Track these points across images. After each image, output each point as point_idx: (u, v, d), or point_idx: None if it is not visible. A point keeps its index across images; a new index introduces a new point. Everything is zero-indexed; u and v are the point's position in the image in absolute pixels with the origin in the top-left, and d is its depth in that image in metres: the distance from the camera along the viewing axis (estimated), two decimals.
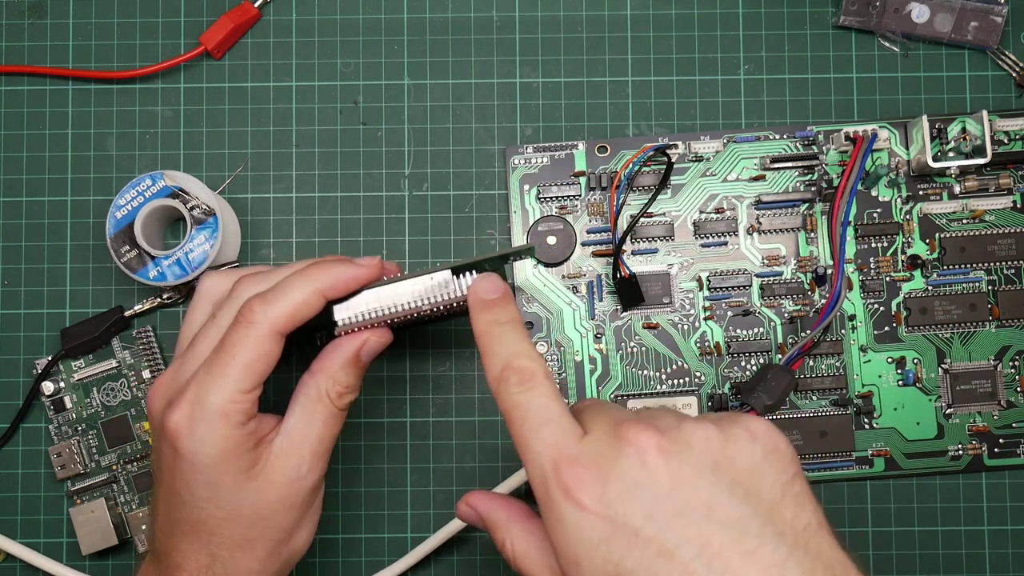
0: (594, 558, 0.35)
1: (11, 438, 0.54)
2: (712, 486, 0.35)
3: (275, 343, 0.41)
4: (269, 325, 0.40)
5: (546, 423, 0.37)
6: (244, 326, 0.41)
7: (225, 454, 0.40)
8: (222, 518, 0.41)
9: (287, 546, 0.43)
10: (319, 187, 0.55)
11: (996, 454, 0.53)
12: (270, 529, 0.42)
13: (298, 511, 0.43)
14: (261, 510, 0.42)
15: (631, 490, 0.35)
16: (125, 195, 0.51)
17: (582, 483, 0.35)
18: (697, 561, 0.33)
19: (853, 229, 0.53)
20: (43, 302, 0.54)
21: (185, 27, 0.55)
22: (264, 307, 0.41)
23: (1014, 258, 0.53)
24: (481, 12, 0.55)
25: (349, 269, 0.42)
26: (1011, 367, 0.53)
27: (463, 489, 0.53)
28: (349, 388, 0.43)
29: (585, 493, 0.35)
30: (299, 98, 0.55)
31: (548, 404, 0.38)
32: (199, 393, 0.40)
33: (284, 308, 0.41)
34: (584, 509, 0.35)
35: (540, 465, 0.37)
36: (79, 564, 0.53)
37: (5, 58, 0.55)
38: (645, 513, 0.34)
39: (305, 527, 0.44)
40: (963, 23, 0.54)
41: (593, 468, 0.36)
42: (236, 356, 0.40)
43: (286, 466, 0.42)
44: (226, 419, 0.40)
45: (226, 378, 0.40)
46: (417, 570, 0.54)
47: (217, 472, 0.40)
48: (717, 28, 0.55)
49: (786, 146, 0.54)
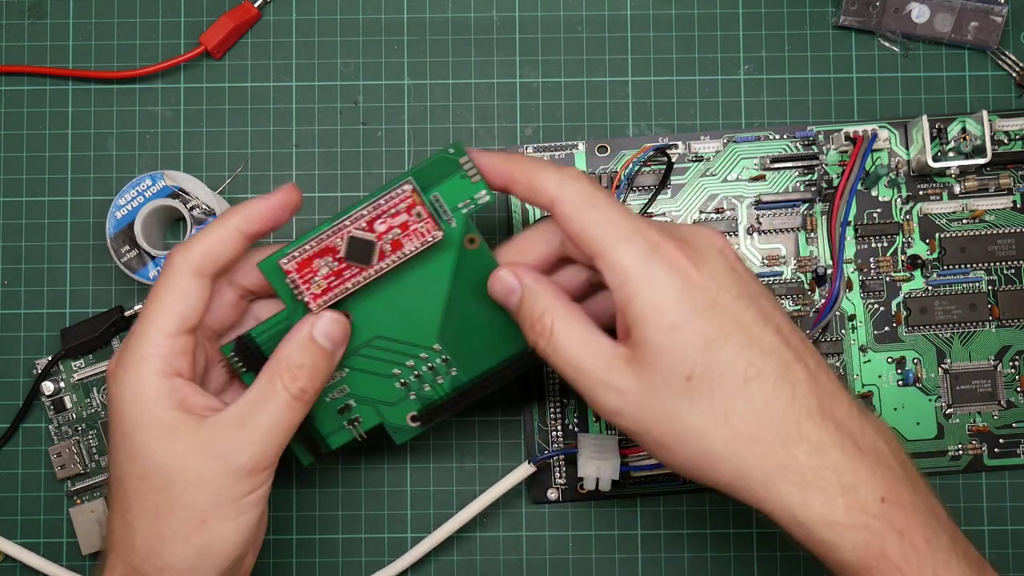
0: (695, 323, 0.38)
1: (11, 438, 0.54)
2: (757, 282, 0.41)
3: (192, 280, 0.41)
4: (185, 264, 0.41)
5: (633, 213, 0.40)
6: (163, 272, 0.42)
7: (143, 401, 0.40)
8: (136, 476, 0.40)
9: (198, 534, 0.39)
10: (319, 187, 0.55)
11: (996, 454, 0.53)
12: (179, 505, 0.39)
13: (213, 493, 0.39)
14: (173, 476, 0.39)
15: (724, 270, 0.39)
16: (125, 195, 0.51)
17: (686, 257, 0.39)
18: (776, 336, 0.39)
19: (853, 229, 0.53)
20: (43, 302, 0.54)
21: (185, 27, 0.55)
22: (182, 250, 0.41)
23: (1014, 258, 0.53)
24: (481, 12, 0.55)
25: (261, 199, 0.42)
26: (1011, 367, 0.53)
27: (463, 489, 0.53)
28: (303, 370, 0.41)
29: (690, 266, 0.38)
30: (299, 98, 0.55)
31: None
32: (127, 343, 0.41)
33: (199, 246, 0.41)
34: (690, 279, 0.38)
35: (640, 240, 0.39)
36: (79, 564, 0.53)
37: (5, 58, 0.55)
38: (736, 292, 0.39)
39: (224, 519, 0.40)
40: (963, 23, 0.54)
41: (690, 250, 0.39)
42: (155, 299, 0.41)
43: (213, 439, 0.40)
44: (145, 363, 0.40)
45: (146, 323, 0.41)
46: (417, 570, 0.54)
47: (135, 420, 0.40)
48: (717, 28, 0.55)
49: (786, 146, 0.54)
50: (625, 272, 0.38)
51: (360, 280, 0.43)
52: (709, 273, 0.39)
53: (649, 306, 0.38)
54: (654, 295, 0.38)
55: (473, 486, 0.53)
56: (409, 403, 0.46)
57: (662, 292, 0.38)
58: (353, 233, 0.43)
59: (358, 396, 0.46)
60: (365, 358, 0.45)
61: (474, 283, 0.44)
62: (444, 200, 0.43)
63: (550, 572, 0.53)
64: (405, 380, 0.45)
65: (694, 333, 0.38)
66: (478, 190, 0.43)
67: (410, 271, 0.44)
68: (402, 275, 0.44)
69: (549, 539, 0.54)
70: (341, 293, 0.43)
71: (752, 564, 0.53)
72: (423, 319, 0.44)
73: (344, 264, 0.43)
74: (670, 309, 0.38)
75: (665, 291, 0.38)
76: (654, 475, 0.52)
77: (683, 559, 0.53)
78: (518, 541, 0.54)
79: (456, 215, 0.43)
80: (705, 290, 0.38)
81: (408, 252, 0.43)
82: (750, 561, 0.53)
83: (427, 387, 0.46)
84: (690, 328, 0.38)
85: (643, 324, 0.38)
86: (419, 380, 0.45)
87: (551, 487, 0.53)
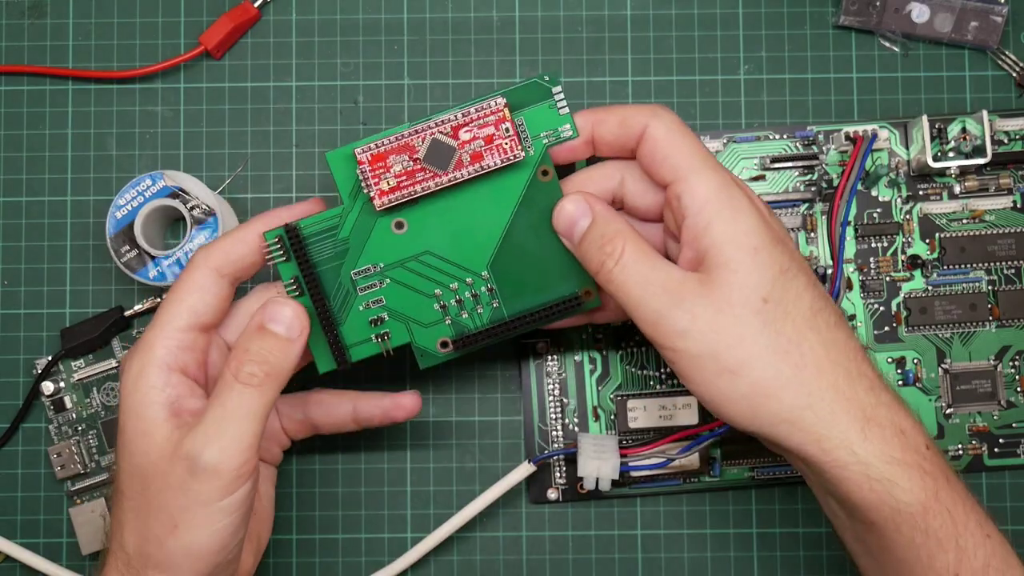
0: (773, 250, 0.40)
1: (11, 438, 0.54)
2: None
3: (208, 276, 0.42)
4: (203, 261, 0.42)
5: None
6: (184, 270, 0.43)
7: (138, 390, 0.40)
8: (126, 471, 0.40)
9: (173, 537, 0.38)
10: (319, 187, 0.55)
11: (996, 454, 0.53)
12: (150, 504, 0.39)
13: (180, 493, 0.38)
14: (148, 478, 0.39)
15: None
16: (125, 195, 0.51)
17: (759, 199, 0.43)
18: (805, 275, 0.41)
19: (853, 229, 0.53)
20: (43, 302, 0.54)
21: (185, 27, 0.55)
22: (203, 249, 0.43)
23: (1014, 258, 0.53)
24: (481, 12, 0.55)
25: (284, 208, 0.44)
26: (1011, 367, 0.53)
27: (463, 489, 0.53)
28: (248, 353, 0.40)
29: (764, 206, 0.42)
30: (299, 98, 0.55)
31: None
32: (143, 336, 0.42)
33: (219, 246, 0.42)
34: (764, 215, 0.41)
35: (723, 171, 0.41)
36: (79, 564, 0.53)
37: (5, 58, 0.55)
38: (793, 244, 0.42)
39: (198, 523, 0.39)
40: (963, 23, 0.54)
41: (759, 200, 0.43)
42: (172, 293, 0.42)
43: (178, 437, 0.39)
44: (151, 352, 0.41)
45: (160, 314, 0.42)
46: (417, 570, 0.54)
47: (128, 412, 0.40)
48: (717, 28, 0.55)
49: (786, 146, 0.54)
50: (708, 196, 0.40)
51: (431, 186, 0.42)
52: (778, 225, 0.42)
53: (732, 227, 0.40)
54: (738, 218, 0.40)
55: (473, 486, 0.53)
56: (443, 328, 0.45)
57: (745, 216, 0.40)
58: (437, 135, 0.42)
59: (393, 310, 0.45)
60: (410, 272, 0.44)
61: (538, 216, 0.44)
62: (528, 126, 0.43)
63: (550, 572, 0.53)
64: (445, 303, 0.45)
65: (772, 258, 0.39)
66: (563, 123, 0.43)
67: (476, 191, 0.43)
68: (468, 193, 0.43)
69: (549, 539, 0.54)
70: (409, 195, 0.43)
71: (752, 564, 0.53)
72: (478, 244, 0.44)
73: (419, 166, 0.42)
74: (752, 232, 0.40)
75: (748, 216, 0.40)
76: (654, 475, 0.52)
77: (683, 559, 0.53)
78: (518, 541, 0.54)
79: (536, 143, 0.43)
80: (776, 228, 0.41)
81: (487, 166, 0.42)
82: (750, 561, 0.53)
83: (465, 314, 0.45)
84: (769, 253, 0.39)
85: (723, 246, 0.39)
86: (459, 306, 0.45)
87: (551, 487, 0.53)
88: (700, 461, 0.52)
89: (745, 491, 0.54)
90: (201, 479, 0.38)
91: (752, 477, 0.53)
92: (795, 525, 0.53)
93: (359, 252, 0.44)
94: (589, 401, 0.53)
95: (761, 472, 0.53)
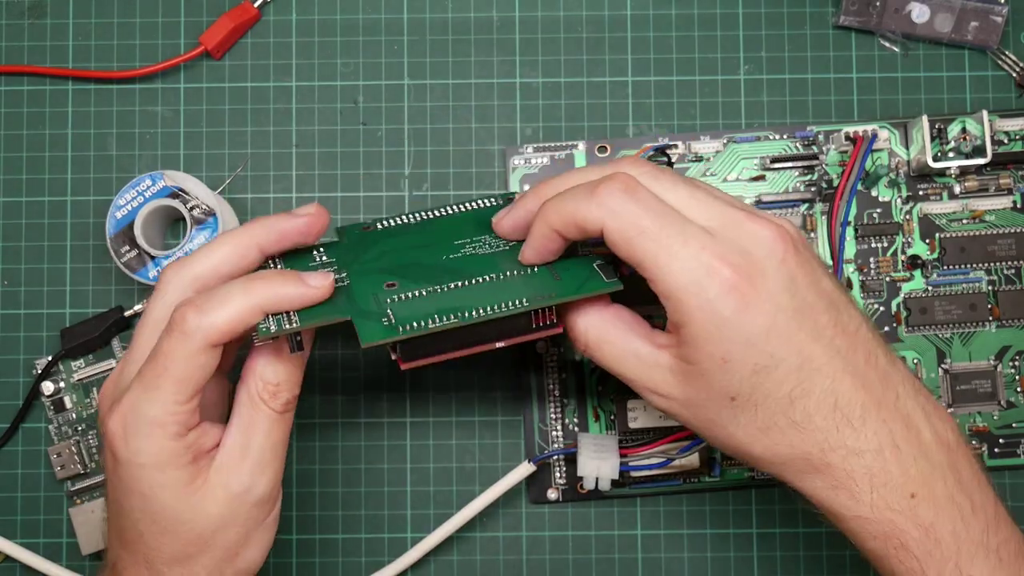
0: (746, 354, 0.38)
1: (11, 438, 0.54)
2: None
3: (210, 356, 0.39)
4: (203, 338, 0.38)
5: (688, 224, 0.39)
6: (176, 336, 0.38)
7: (161, 466, 0.39)
8: (158, 532, 0.40)
9: (232, 565, 0.41)
10: (319, 187, 0.55)
11: (996, 454, 0.53)
12: (211, 547, 0.40)
13: (242, 527, 0.41)
14: (200, 527, 0.40)
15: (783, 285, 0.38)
16: (125, 195, 0.51)
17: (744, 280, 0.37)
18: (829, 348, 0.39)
19: (853, 229, 0.53)
20: (43, 302, 0.54)
21: (185, 27, 0.55)
22: (198, 317, 0.38)
23: (1014, 258, 0.53)
24: (481, 12, 0.55)
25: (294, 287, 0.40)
26: (1011, 367, 0.53)
27: (463, 489, 0.53)
28: (282, 386, 0.40)
29: (749, 289, 0.37)
30: (299, 98, 0.55)
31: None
32: (134, 402, 0.39)
33: (219, 321, 0.38)
34: (746, 304, 0.37)
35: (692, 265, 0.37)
36: (79, 564, 0.53)
37: (5, 58, 0.55)
38: (793, 309, 0.38)
39: (254, 544, 0.42)
40: (963, 23, 0.54)
41: (749, 265, 0.38)
42: (168, 369, 0.38)
43: (227, 481, 0.40)
44: (162, 430, 0.39)
45: (159, 391, 0.38)
46: (417, 570, 0.54)
47: (153, 484, 0.39)
48: (717, 28, 0.55)
49: (786, 146, 0.54)
50: (677, 299, 0.38)
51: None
52: (767, 294, 0.38)
53: (701, 336, 0.38)
54: (707, 326, 0.38)
55: (473, 486, 0.53)
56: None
57: (715, 323, 0.37)
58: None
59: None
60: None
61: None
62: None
63: (550, 572, 0.53)
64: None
65: (743, 363, 0.38)
66: (611, 287, 0.42)
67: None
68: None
69: (549, 539, 0.54)
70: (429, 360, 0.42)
71: (752, 564, 0.53)
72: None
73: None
74: (722, 341, 0.38)
75: (718, 323, 0.37)
76: (654, 475, 0.52)
77: (683, 559, 0.53)
78: (518, 541, 0.54)
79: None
80: (760, 315, 0.37)
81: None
82: (750, 561, 0.53)
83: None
84: (740, 359, 0.38)
85: (693, 348, 0.38)
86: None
87: (551, 487, 0.53)
88: (700, 461, 0.52)
89: (745, 491, 0.54)
90: (258, 507, 0.41)
91: (752, 477, 0.53)
92: (795, 525, 0.53)
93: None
94: (589, 401, 0.53)
95: (761, 472, 0.53)
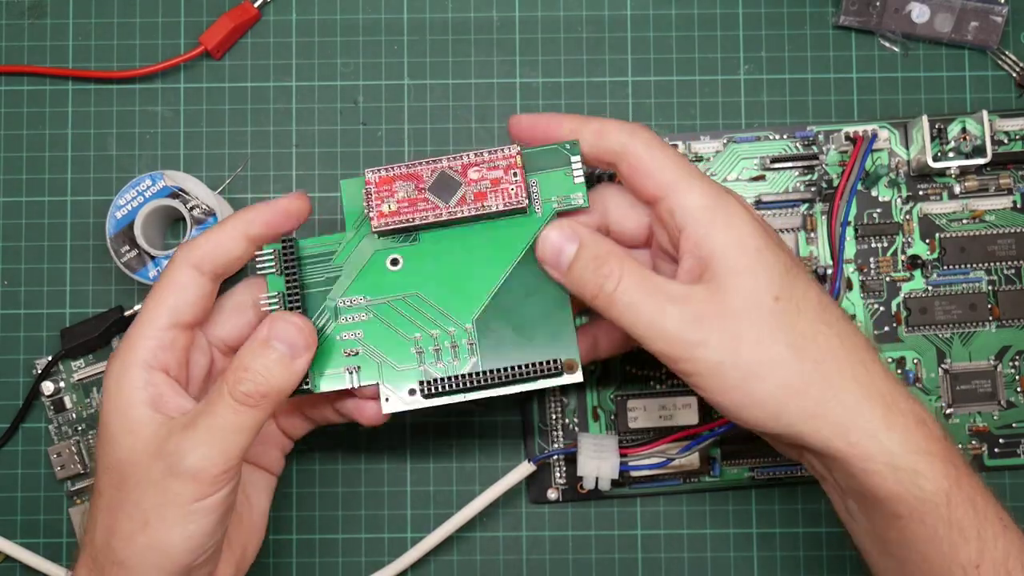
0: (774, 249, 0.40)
1: (11, 438, 0.54)
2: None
3: (189, 274, 0.41)
4: (184, 259, 0.41)
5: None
6: (165, 269, 0.42)
7: (121, 389, 0.40)
8: (104, 466, 0.40)
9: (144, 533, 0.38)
10: (319, 187, 0.55)
11: (996, 454, 0.53)
12: (129, 503, 0.39)
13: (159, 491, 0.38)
14: (125, 473, 0.39)
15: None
16: (125, 195, 0.51)
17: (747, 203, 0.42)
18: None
19: (853, 229, 0.53)
20: (43, 302, 0.54)
21: (185, 27, 0.55)
22: (184, 247, 0.42)
23: (1014, 258, 0.53)
24: (481, 12, 0.55)
25: (265, 204, 0.43)
26: (1011, 367, 0.53)
27: (463, 489, 0.53)
28: (248, 373, 0.39)
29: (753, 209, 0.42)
30: (299, 98, 0.55)
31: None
32: (125, 333, 0.42)
33: (199, 243, 0.42)
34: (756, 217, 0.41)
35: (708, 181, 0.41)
36: None
37: (5, 58, 0.55)
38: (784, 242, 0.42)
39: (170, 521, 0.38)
40: (963, 23, 0.54)
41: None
42: (153, 292, 0.41)
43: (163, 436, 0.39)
44: (132, 352, 0.40)
45: (142, 313, 0.41)
46: (417, 570, 0.54)
47: (111, 409, 0.40)
48: (717, 28, 0.55)
49: (786, 146, 0.54)
50: (702, 205, 0.40)
51: (430, 216, 0.43)
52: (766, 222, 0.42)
53: (732, 232, 0.39)
54: (735, 223, 0.40)
55: (473, 486, 0.53)
56: (414, 373, 0.43)
57: (741, 220, 0.40)
58: (446, 169, 0.43)
59: (369, 346, 0.43)
60: (395, 310, 0.43)
61: (534, 277, 0.43)
62: (541, 188, 0.43)
63: (550, 572, 0.53)
64: (421, 348, 0.43)
65: (776, 257, 0.39)
66: (576, 191, 0.43)
67: (477, 239, 0.43)
68: (468, 241, 0.43)
69: (549, 539, 0.54)
70: (406, 222, 0.42)
71: (752, 564, 0.53)
72: (469, 294, 0.43)
73: (423, 196, 0.43)
74: (752, 234, 0.39)
75: (744, 220, 0.40)
76: (654, 475, 0.52)
77: (683, 559, 0.53)
78: (518, 541, 0.54)
79: (545, 206, 0.43)
80: (769, 229, 0.41)
81: (488, 207, 0.42)
82: (750, 561, 0.53)
83: (440, 365, 0.43)
84: (771, 251, 0.39)
85: (726, 252, 0.39)
86: (436, 355, 0.43)
87: (551, 487, 0.53)
88: (700, 461, 0.52)
89: (745, 491, 0.54)
90: (181, 480, 0.38)
91: (752, 477, 0.53)
92: (795, 525, 0.53)
93: (349, 281, 0.44)
94: (589, 401, 0.53)
95: (761, 472, 0.53)
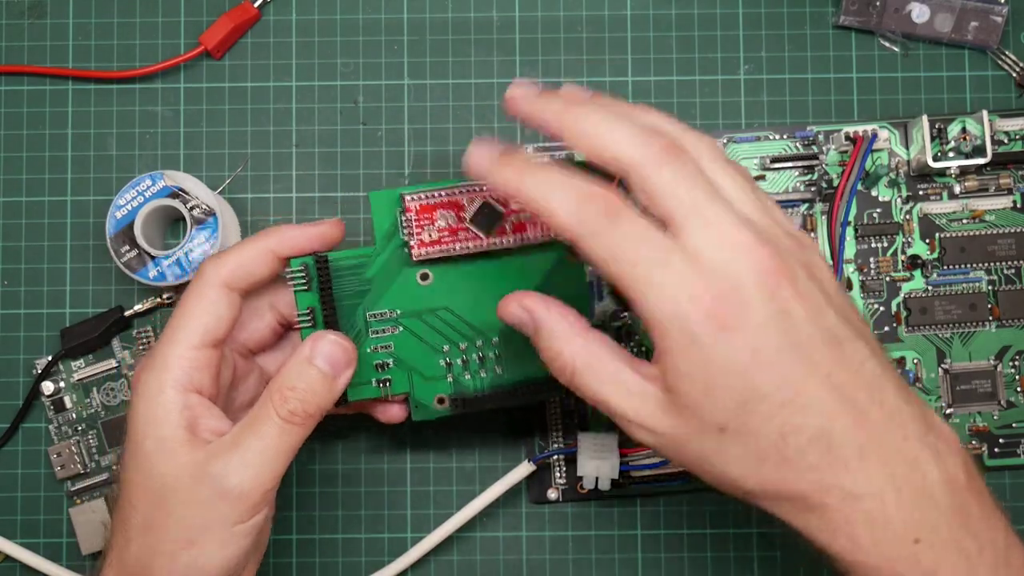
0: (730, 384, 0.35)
1: (11, 438, 0.54)
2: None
3: (220, 293, 0.41)
4: (215, 275, 0.41)
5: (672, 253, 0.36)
6: (194, 283, 0.42)
7: (156, 410, 0.40)
8: (139, 485, 0.40)
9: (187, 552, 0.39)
10: (319, 187, 0.55)
11: (996, 454, 0.53)
12: (173, 522, 0.39)
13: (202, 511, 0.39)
14: (167, 493, 0.39)
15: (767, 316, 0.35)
16: (125, 195, 0.51)
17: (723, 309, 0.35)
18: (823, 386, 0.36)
19: (853, 229, 0.53)
20: (43, 302, 0.54)
21: (185, 27, 0.55)
22: (213, 262, 0.42)
23: (1014, 258, 0.53)
24: (481, 12, 0.55)
25: (300, 228, 0.43)
26: (1011, 367, 0.53)
27: (463, 489, 0.53)
28: (295, 392, 0.40)
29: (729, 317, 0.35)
30: (299, 98, 0.55)
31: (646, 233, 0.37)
32: (155, 346, 0.41)
33: (230, 260, 0.42)
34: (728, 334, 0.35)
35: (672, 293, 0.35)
36: (79, 564, 0.53)
37: (5, 58, 0.55)
38: (777, 344, 0.35)
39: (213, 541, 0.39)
40: (963, 23, 0.54)
41: (730, 290, 0.35)
42: (184, 308, 0.41)
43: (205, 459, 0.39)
44: (167, 372, 0.40)
45: (173, 330, 0.41)
46: (417, 570, 0.54)
47: (146, 429, 0.40)
48: (717, 28, 0.55)
49: (786, 146, 0.54)
50: (658, 326, 0.36)
51: (470, 247, 0.43)
52: (750, 326, 0.35)
53: (683, 366, 0.36)
54: (689, 355, 0.36)
55: (473, 486, 0.53)
56: (444, 384, 0.46)
57: (698, 352, 0.35)
58: (488, 199, 0.43)
59: (399, 358, 0.45)
60: (424, 323, 0.45)
61: (557, 292, 0.42)
62: None
63: (550, 572, 0.53)
64: (451, 360, 0.46)
65: (728, 394, 0.35)
66: None
67: (508, 260, 0.44)
68: (499, 262, 0.44)
69: (549, 539, 0.54)
70: (447, 252, 0.43)
71: (752, 564, 0.53)
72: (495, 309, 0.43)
73: (463, 225, 0.43)
74: (704, 372, 0.35)
75: (701, 352, 0.35)
76: (654, 475, 0.52)
77: (683, 559, 0.53)
78: (518, 541, 0.54)
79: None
80: (742, 349, 0.35)
81: (528, 239, 0.43)
82: (750, 561, 0.53)
83: (468, 376, 0.46)
84: (724, 389, 0.35)
85: (676, 378, 0.36)
86: (463, 366, 0.46)
87: (551, 487, 0.53)
88: None
89: None
90: (227, 501, 0.39)
91: None
92: None
93: (380, 295, 0.45)
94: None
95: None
